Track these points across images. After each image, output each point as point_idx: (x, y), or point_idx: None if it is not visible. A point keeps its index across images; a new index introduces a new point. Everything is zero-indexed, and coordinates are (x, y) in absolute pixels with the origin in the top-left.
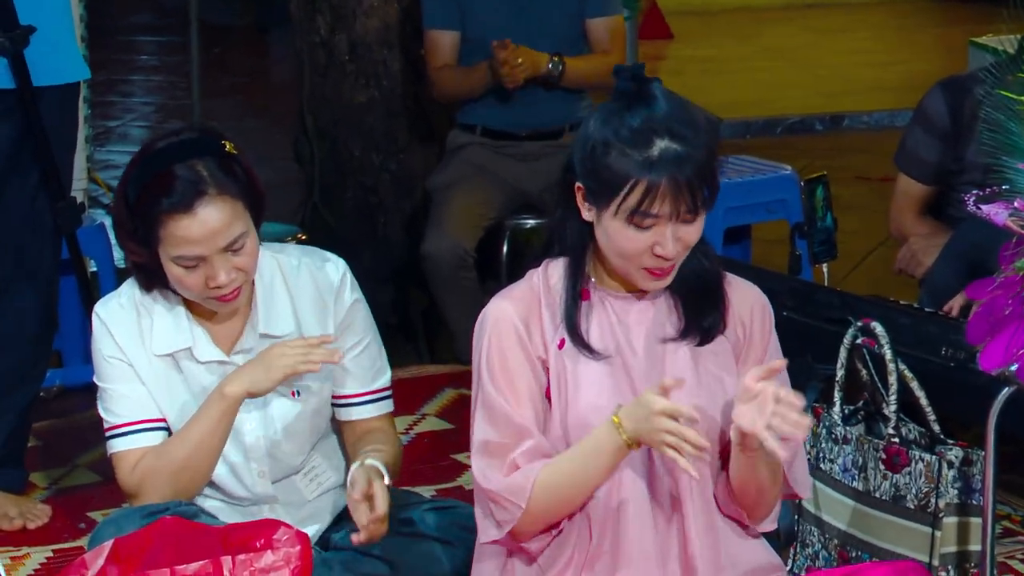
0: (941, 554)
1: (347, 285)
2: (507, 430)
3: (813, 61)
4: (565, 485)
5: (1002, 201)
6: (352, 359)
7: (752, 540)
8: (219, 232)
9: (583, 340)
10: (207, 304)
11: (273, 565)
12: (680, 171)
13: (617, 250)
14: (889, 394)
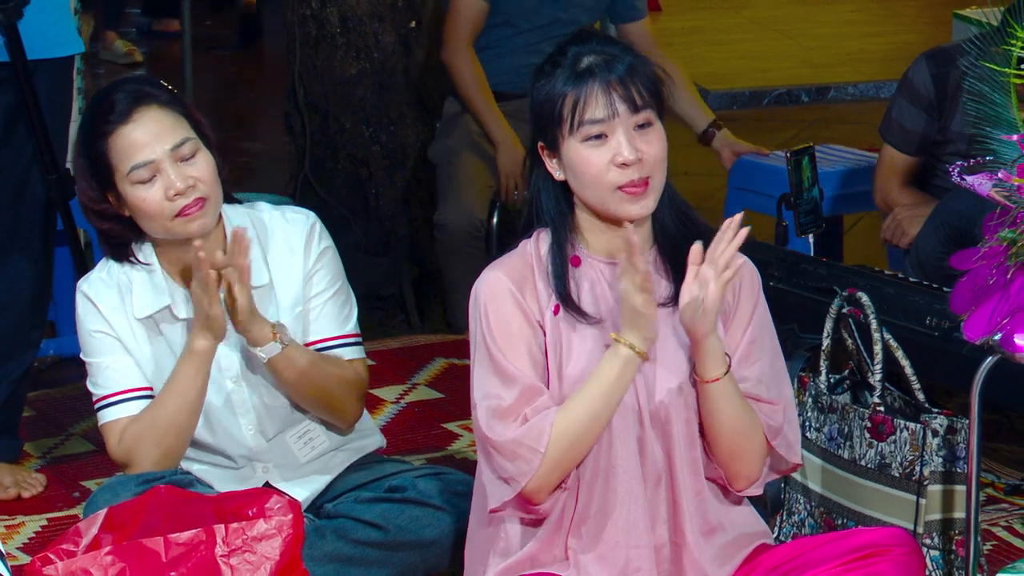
0: (926, 521)
1: (316, 234)
2: (517, 390)
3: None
4: (581, 421)
5: (986, 172)
6: (322, 304)
7: (739, 507)
8: (163, 133)
9: (575, 305)
10: (174, 229)
11: (265, 533)
12: (608, 73)
13: (584, 179)
14: (874, 363)
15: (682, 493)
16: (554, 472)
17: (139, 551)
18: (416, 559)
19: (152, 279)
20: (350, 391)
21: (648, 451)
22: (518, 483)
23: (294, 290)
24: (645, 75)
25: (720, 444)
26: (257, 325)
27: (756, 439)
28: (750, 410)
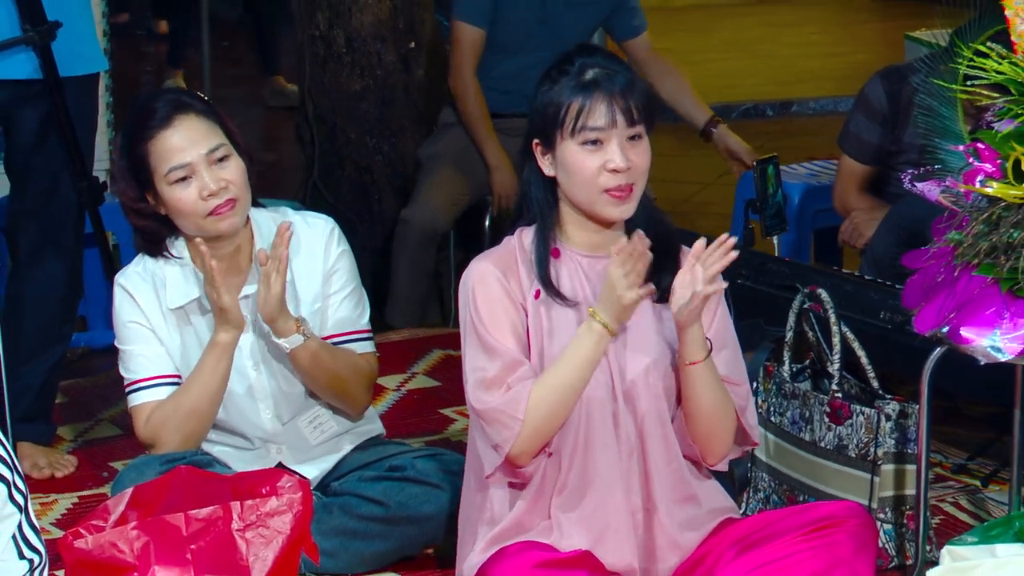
0: (879, 498)
1: (335, 238)
2: (500, 362)
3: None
4: (557, 390)
5: (935, 179)
6: (338, 302)
7: (708, 481)
8: (199, 139)
9: (555, 289)
10: (207, 227)
11: (277, 510)
12: (609, 86)
13: (577, 179)
14: (833, 354)
15: (653, 464)
16: (535, 438)
17: (162, 526)
18: (415, 532)
19: (184, 273)
20: (361, 381)
21: (622, 426)
22: (503, 448)
23: (314, 288)
24: (642, 92)
25: (699, 423)
26: (283, 318)
27: (729, 418)
28: (726, 392)
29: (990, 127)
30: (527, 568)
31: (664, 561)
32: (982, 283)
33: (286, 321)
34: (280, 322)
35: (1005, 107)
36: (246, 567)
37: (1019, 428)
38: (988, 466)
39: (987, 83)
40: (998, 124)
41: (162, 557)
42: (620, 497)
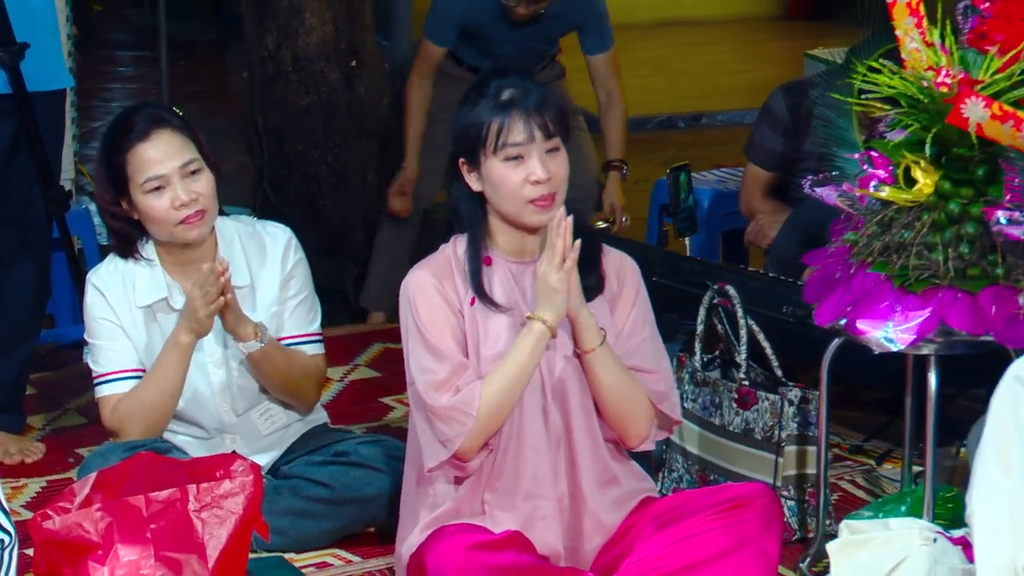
0: (783, 476)
1: (292, 247)
2: (448, 365)
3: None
4: (505, 388)
5: (833, 184)
6: (293, 307)
7: (628, 464)
8: (174, 153)
9: (488, 297)
10: (177, 235)
11: (230, 492)
12: (525, 104)
13: (502, 192)
14: (740, 345)
15: (579, 452)
16: (482, 433)
17: (124, 508)
18: (358, 513)
19: (153, 273)
20: (311, 380)
21: (550, 418)
22: (454, 444)
23: (271, 292)
24: (555, 106)
25: (606, 408)
26: (243, 325)
27: (639, 403)
28: (631, 377)
29: (883, 137)
30: (461, 549)
31: (590, 541)
32: (876, 279)
33: (244, 328)
34: (239, 330)
35: (896, 118)
36: (202, 545)
37: (910, 412)
38: (882, 447)
39: (880, 96)
40: (890, 134)
41: (124, 536)
42: (548, 485)
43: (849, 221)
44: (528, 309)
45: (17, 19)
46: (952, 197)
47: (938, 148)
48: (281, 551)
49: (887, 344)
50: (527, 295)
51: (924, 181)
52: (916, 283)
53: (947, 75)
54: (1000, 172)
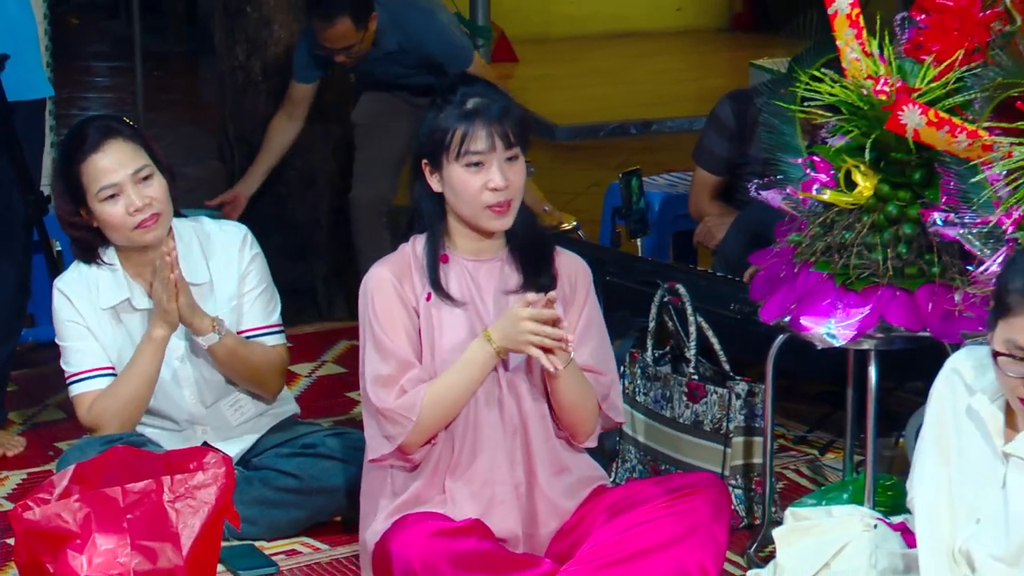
0: (731, 466)
1: (248, 243)
2: (395, 364)
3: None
4: (448, 397)
5: (777, 188)
6: (252, 300)
7: (580, 454)
8: (126, 161)
9: (444, 292)
10: (134, 239)
11: (203, 483)
12: (488, 114)
13: (462, 197)
14: (690, 341)
15: (534, 441)
16: (424, 434)
17: (101, 499)
18: (325, 502)
19: (115, 277)
20: (274, 370)
21: (506, 409)
22: (395, 440)
23: (230, 287)
24: (516, 117)
25: (563, 413)
26: (198, 319)
27: (591, 406)
28: (586, 384)
29: (824, 142)
30: (424, 536)
31: (545, 526)
32: (819, 278)
33: (201, 321)
34: (196, 323)
35: (837, 125)
36: (176, 534)
37: (851, 404)
38: (825, 437)
39: (821, 104)
40: (831, 140)
41: (101, 526)
42: (505, 472)
43: (793, 223)
44: (482, 305)
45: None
46: (890, 200)
47: (877, 153)
48: (252, 539)
49: (829, 339)
50: (482, 290)
51: (864, 184)
52: (857, 281)
53: (885, 83)
54: (936, 176)
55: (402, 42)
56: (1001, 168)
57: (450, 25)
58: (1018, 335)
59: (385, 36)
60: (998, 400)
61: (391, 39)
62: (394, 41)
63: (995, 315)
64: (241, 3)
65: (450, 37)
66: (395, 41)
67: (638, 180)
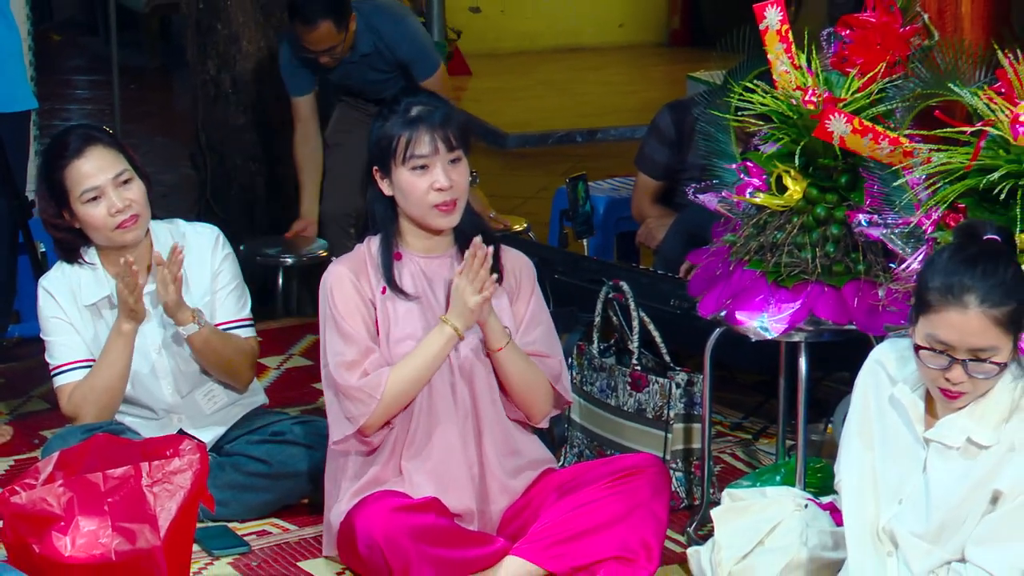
0: (672, 451)
1: (220, 244)
2: (357, 349)
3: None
4: (410, 378)
5: (714, 192)
6: (225, 295)
7: (531, 437)
8: (106, 166)
9: (397, 286)
10: (114, 238)
11: (179, 468)
12: (431, 120)
13: (410, 198)
14: (633, 334)
15: (485, 424)
16: (385, 414)
17: (84, 484)
18: (293, 486)
19: (95, 275)
20: (245, 360)
21: (459, 394)
22: (358, 421)
23: (203, 284)
24: (457, 122)
25: (515, 394)
26: (182, 311)
27: (541, 387)
28: (533, 366)
29: (757, 149)
30: (385, 512)
31: (496, 503)
32: (752, 275)
33: (183, 312)
34: (179, 314)
35: (769, 133)
36: (154, 516)
37: (783, 393)
38: (759, 424)
39: (754, 113)
40: (763, 147)
41: (84, 509)
42: (459, 453)
43: (728, 224)
44: (434, 298)
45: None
46: (819, 202)
47: (806, 159)
48: (225, 520)
49: (763, 332)
50: (434, 284)
51: (794, 188)
52: (788, 278)
53: (813, 94)
54: (861, 180)
55: (377, 44)
56: (921, 173)
57: (419, 31)
58: (938, 330)
59: (361, 38)
60: (919, 389)
61: (366, 42)
62: (369, 43)
63: (916, 311)
64: (212, 20)
65: (420, 41)
66: (370, 43)
67: (584, 185)
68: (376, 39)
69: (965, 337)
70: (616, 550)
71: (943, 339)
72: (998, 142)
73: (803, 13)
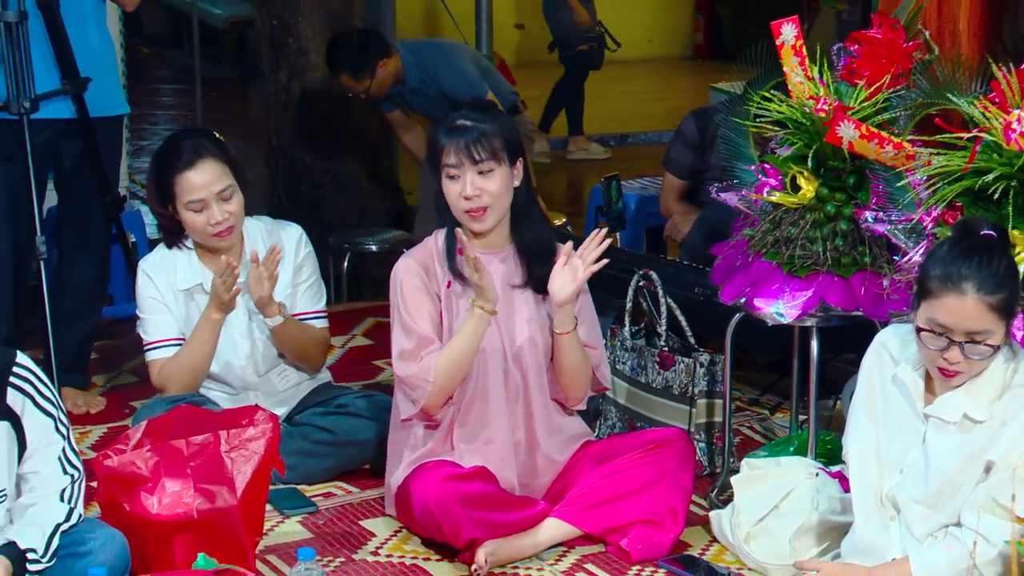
0: (696, 424)
1: (303, 242)
2: (416, 340)
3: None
4: (455, 359)
5: (734, 190)
6: (304, 289)
7: (571, 416)
8: (213, 181)
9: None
10: (210, 243)
11: (254, 436)
12: (464, 135)
13: (449, 201)
14: (661, 318)
15: (534, 405)
16: (441, 394)
17: (168, 449)
18: (355, 453)
19: (191, 263)
20: (319, 347)
21: (511, 378)
22: (419, 403)
23: (285, 278)
24: (488, 138)
25: (563, 376)
26: (271, 304)
27: (585, 374)
28: (585, 354)
29: (774, 152)
30: (437, 481)
31: (543, 477)
32: (769, 266)
33: (272, 306)
34: (268, 308)
35: (784, 137)
36: (231, 479)
37: (796, 372)
38: (774, 400)
39: (771, 120)
40: (779, 150)
41: (169, 472)
42: (506, 433)
43: (747, 220)
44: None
45: (81, 58)
46: (829, 200)
47: (817, 161)
48: (295, 483)
49: (778, 318)
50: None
51: (806, 188)
52: (801, 269)
53: (824, 103)
54: (867, 180)
55: (424, 78)
56: (922, 174)
57: (466, 67)
58: (937, 314)
59: (410, 73)
60: (919, 369)
61: (414, 77)
62: (417, 78)
63: (918, 297)
64: (283, 36)
65: (466, 77)
66: (418, 78)
67: (617, 184)
68: (423, 75)
69: (962, 321)
70: (645, 514)
71: (942, 322)
72: (992, 147)
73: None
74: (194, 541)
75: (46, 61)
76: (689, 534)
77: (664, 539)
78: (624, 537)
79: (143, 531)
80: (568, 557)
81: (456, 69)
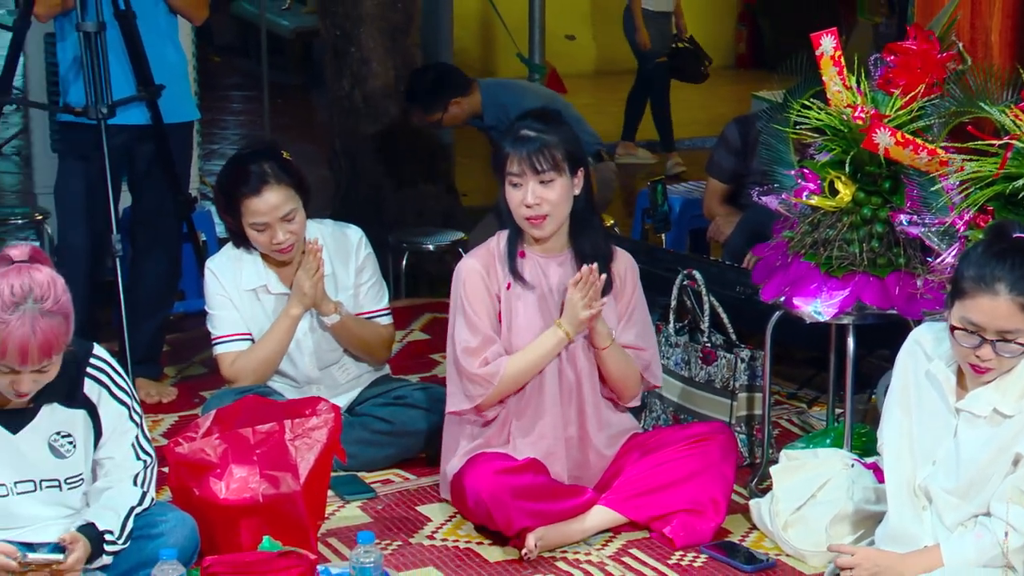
0: (736, 416)
1: (363, 243)
2: (481, 338)
3: None
4: (523, 370)
5: (774, 194)
6: (366, 289)
7: (622, 413)
8: (277, 207)
9: (522, 278)
10: (272, 255)
11: (316, 425)
12: (526, 145)
13: (511, 207)
14: (704, 316)
15: (586, 403)
16: (499, 396)
17: (236, 437)
18: (411, 443)
19: (255, 264)
20: (382, 344)
21: (565, 377)
22: (475, 400)
23: (347, 279)
24: (549, 150)
25: (611, 381)
26: (325, 303)
27: (633, 377)
28: (629, 360)
29: (812, 158)
30: (490, 473)
31: (594, 469)
32: (807, 267)
33: (326, 305)
34: (322, 307)
35: (823, 144)
36: (295, 465)
37: (833, 367)
38: (811, 394)
39: (810, 127)
40: (818, 156)
41: (236, 458)
42: (560, 428)
43: (787, 222)
44: (550, 294)
45: (156, 66)
46: (865, 204)
47: (855, 167)
48: (355, 471)
49: (816, 316)
50: (550, 281)
51: (844, 192)
52: (838, 269)
53: (862, 111)
54: (902, 185)
55: (498, 116)
56: (954, 179)
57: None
58: (971, 313)
59: (487, 111)
60: (952, 366)
61: (491, 114)
62: (492, 115)
63: (952, 297)
64: (347, 45)
65: None
66: (493, 115)
67: (662, 187)
68: (499, 111)
69: (994, 320)
70: (688, 503)
71: (975, 321)
72: (1023, 153)
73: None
74: (259, 525)
75: (123, 69)
76: (729, 522)
77: (706, 527)
78: (668, 525)
79: (211, 515)
80: (614, 543)
81: (526, 106)
